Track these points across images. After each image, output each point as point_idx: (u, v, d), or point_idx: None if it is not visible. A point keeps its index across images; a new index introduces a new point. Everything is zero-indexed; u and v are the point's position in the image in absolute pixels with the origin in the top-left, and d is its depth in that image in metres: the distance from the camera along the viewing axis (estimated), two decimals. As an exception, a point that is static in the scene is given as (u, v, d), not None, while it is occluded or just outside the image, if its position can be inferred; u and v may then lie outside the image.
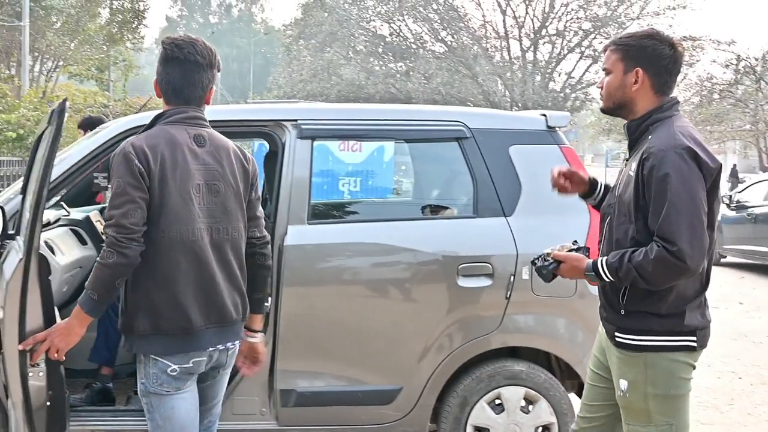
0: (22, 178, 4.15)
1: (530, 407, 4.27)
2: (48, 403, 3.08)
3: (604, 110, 3.17)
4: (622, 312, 2.98)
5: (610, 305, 3.06)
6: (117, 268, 2.86)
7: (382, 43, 36.86)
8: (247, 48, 71.78)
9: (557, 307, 4.25)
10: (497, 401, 4.26)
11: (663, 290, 2.87)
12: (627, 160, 3.11)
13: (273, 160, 4.47)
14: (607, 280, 2.94)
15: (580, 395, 4.39)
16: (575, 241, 3.18)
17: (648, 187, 2.83)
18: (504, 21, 35.54)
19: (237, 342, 3.22)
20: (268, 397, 4.17)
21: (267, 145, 5.06)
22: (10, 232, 3.91)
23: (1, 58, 28.09)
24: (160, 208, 2.94)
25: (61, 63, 31.67)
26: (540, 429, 4.28)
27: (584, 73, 36.34)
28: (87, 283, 2.93)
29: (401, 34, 36.74)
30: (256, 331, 3.36)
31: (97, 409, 4.38)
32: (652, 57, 2.97)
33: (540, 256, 3.16)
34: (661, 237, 2.77)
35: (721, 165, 2.86)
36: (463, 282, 4.15)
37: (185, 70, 3.08)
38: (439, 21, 35.21)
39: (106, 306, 3.00)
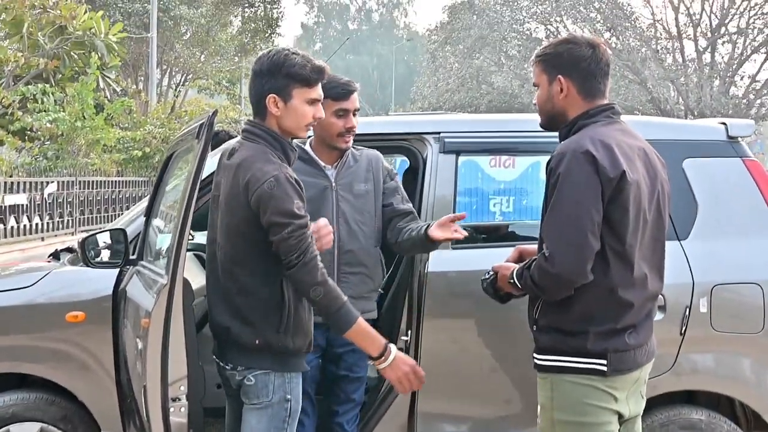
0: (146, 199, 4.27)
1: (710, 462, 4.08)
2: None
3: (542, 126, 3.25)
4: (535, 328, 3.08)
5: (529, 321, 3.15)
6: None
7: (538, 47, 36.67)
8: (389, 56, 72.77)
9: (742, 345, 4.07)
10: (671, 454, 4.09)
11: (565, 305, 2.94)
12: None
13: (413, 177, 4.48)
14: (519, 287, 3.10)
15: (770, 449, 4.19)
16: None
17: (548, 190, 2.97)
18: (676, 19, 34.79)
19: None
20: (408, 441, 4.16)
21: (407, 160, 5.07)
22: (132, 257, 4.05)
23: (128, 72, 29.14)
24: None
25: (190, 76, 32.82)
26: (721, 488, 4.09)
27: (772, 76, 34.98)
28: None
29: (559, 36, 36.46)
30: None
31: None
32: (571, 61, 3.09)
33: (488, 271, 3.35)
34: (542, 240, 2.95)
35: (623, 172, 2.85)
36: (629, 316, 4.02)
37: None
38: (602, 21, 34.75)
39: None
